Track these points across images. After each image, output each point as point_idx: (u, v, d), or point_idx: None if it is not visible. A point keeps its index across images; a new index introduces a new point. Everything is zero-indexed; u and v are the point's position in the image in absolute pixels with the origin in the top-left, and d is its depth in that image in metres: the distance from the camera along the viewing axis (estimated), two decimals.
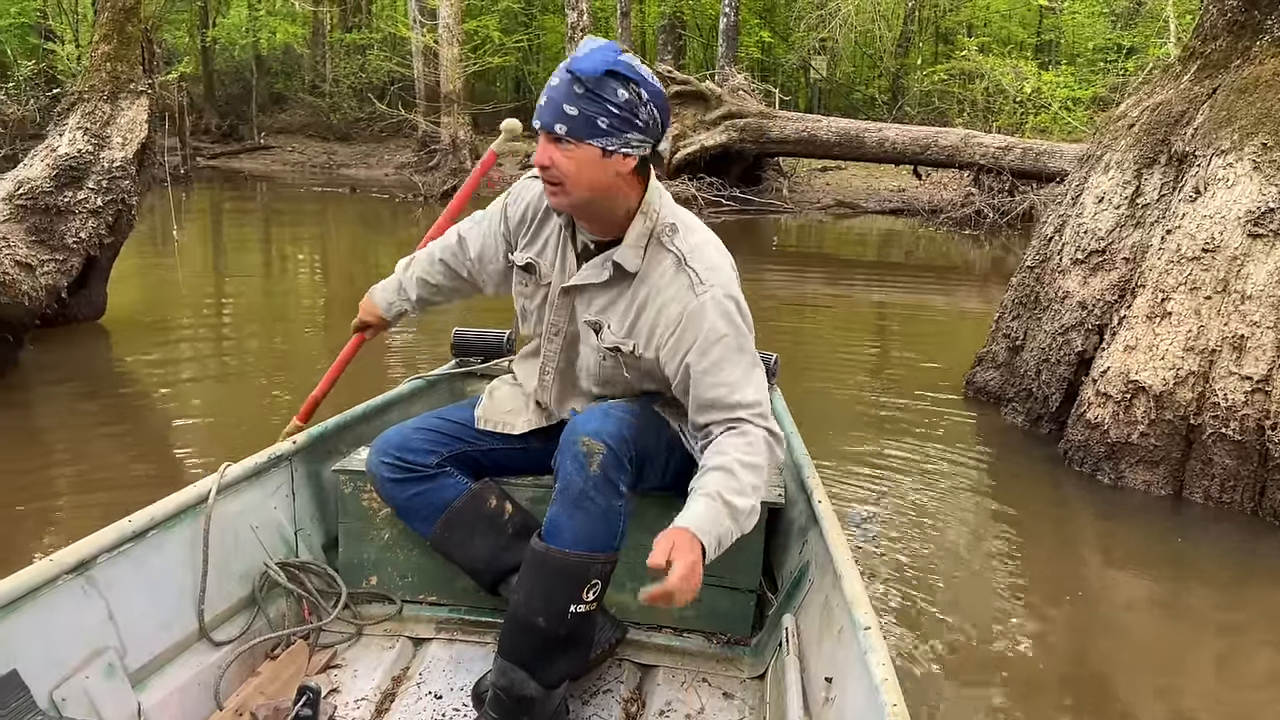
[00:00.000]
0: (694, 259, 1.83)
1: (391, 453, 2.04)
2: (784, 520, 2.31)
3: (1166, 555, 3.40)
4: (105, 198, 5.32)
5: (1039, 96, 17.14)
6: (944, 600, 2.96)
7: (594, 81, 1.67)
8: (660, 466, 1.96)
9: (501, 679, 1.81)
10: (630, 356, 1.90)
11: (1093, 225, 4.42)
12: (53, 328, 5.50)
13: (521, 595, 1.83)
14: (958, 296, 8.82)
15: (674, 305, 1.81)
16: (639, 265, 1.85)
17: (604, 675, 2.08)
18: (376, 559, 2.24)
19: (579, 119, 1.68)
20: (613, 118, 1.69)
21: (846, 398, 5.17)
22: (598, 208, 1.81)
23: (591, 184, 1.74)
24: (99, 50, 5.45)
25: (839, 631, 1.71)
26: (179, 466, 3.83)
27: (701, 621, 2.18)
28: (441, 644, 2.16)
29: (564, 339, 2.01)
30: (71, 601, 1.66)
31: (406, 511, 2.08)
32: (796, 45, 24.54)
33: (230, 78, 26.70)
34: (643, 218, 1.84)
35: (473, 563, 2.07)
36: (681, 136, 15.25)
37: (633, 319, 1.87)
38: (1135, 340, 3.86)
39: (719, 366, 1.78)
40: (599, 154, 1.71)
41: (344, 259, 10.60)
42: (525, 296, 2.07)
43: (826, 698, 1.66)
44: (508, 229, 2.09)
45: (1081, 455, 3.95)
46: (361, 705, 1.94)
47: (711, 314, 1.78)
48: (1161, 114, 4.37)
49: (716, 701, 2.01)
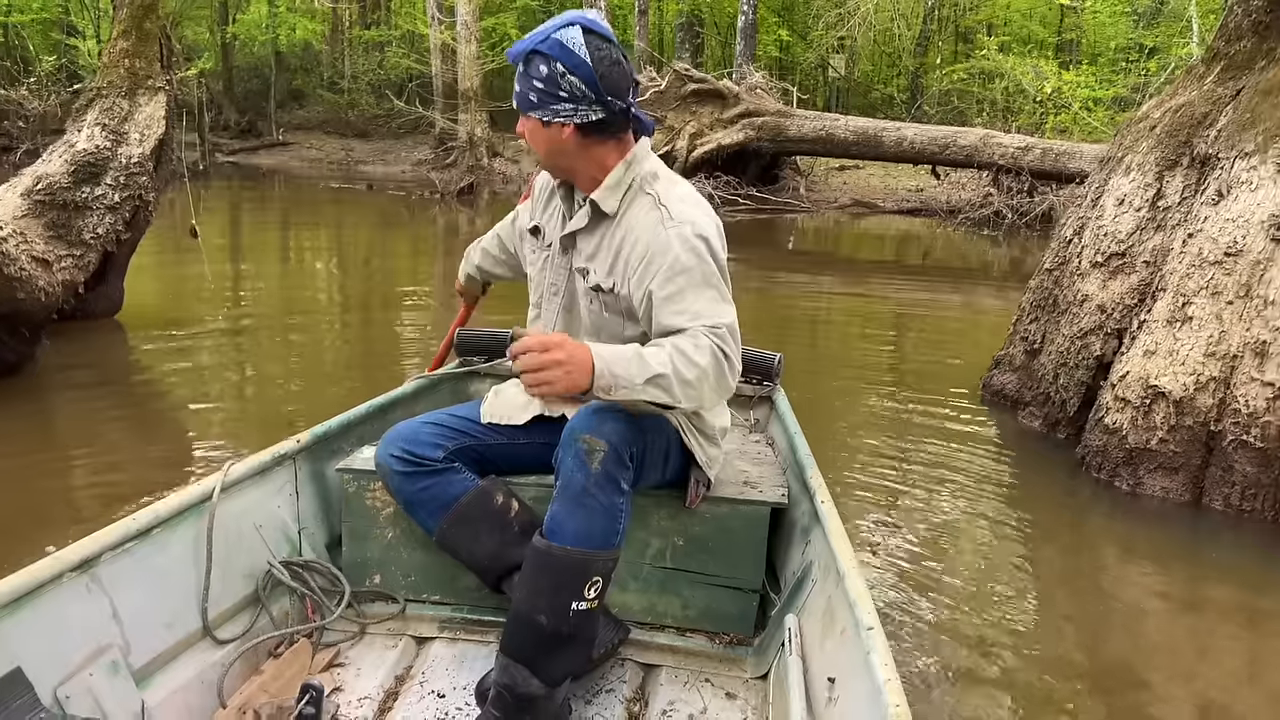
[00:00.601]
0: (667, 199, 1.93)
1: (401, 445, 2.07)
2: (787, 520, 2.30)
3: (1185, 563, 3.36)
4: (123, 194, 5.34)
5: (1059, 96, 17.00)
6: (956, 606, 2.93)
7: (523, 62, 1.88)
8: (660, 463, 1.99)
9: (504, 676, 1.81)
10: (610, 295, 1.98)
11: (1113, 228, 4.37)
12: (70, 323, 5.53)
13: (524, 592, 1.84)
14: (975, 298, 8.76)
15: (644, 238, 1.91)
16: (615, 208, 1.96)
17: (606, 675, 2.08)
18: (380, 558, 2.24)
19: (519, 95, 1.91)
20: (539, 93, 1.87)
21: (861, 399, 5.14)
22: (566, 168, 1.99)
23: (546, 149, 1.95)
24: (117, 46, 5.47)
25: (842, 632, 1.71)
26: (191, 462, 3.83)
27: (704, 621, 2.18)
28: (444, 643, 2.17)
29: (563, 299, 2.10)
30: (75, 599, 1.66)
31: (414, 505, 2.10)
32: (815, 44, 24.45)
33: (250, 74, 26.85)
34: (624, 166, 1.97)
35: (478, 559, 2.08)
36: (698, 135, 15.24)
37: (612, 259, 1.97)
38: (1155, 345, 3.81)
39: (681, 295, 1.83)
40: (539, 124, 1.91)
41: (361, 255, 10.62)
42: (533, 263, 2.21)
43: (829, 698, 1.66)
44: (532, 201, 2.28)
45: (1099, 461, 3.91)
46: (364, 704, 1.94)
47: (676, 246, 1.85)
48: (1184, 115, 4.31)
49: (719, 701, 2.00)
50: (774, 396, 2.98)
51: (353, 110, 24.79)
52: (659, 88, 15.58)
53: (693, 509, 2.12)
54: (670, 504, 2.14)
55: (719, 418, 2.14)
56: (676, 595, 2.18)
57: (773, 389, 3.02)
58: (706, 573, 2.16)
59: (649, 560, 2.16)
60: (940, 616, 2.85)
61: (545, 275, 2.15)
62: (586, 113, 1.87)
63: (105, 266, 5.59)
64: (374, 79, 24.67)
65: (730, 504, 2.15)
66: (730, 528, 2.15)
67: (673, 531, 2.16)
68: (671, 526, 2.15)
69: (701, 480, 2.11)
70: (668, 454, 2.01)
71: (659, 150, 14.99)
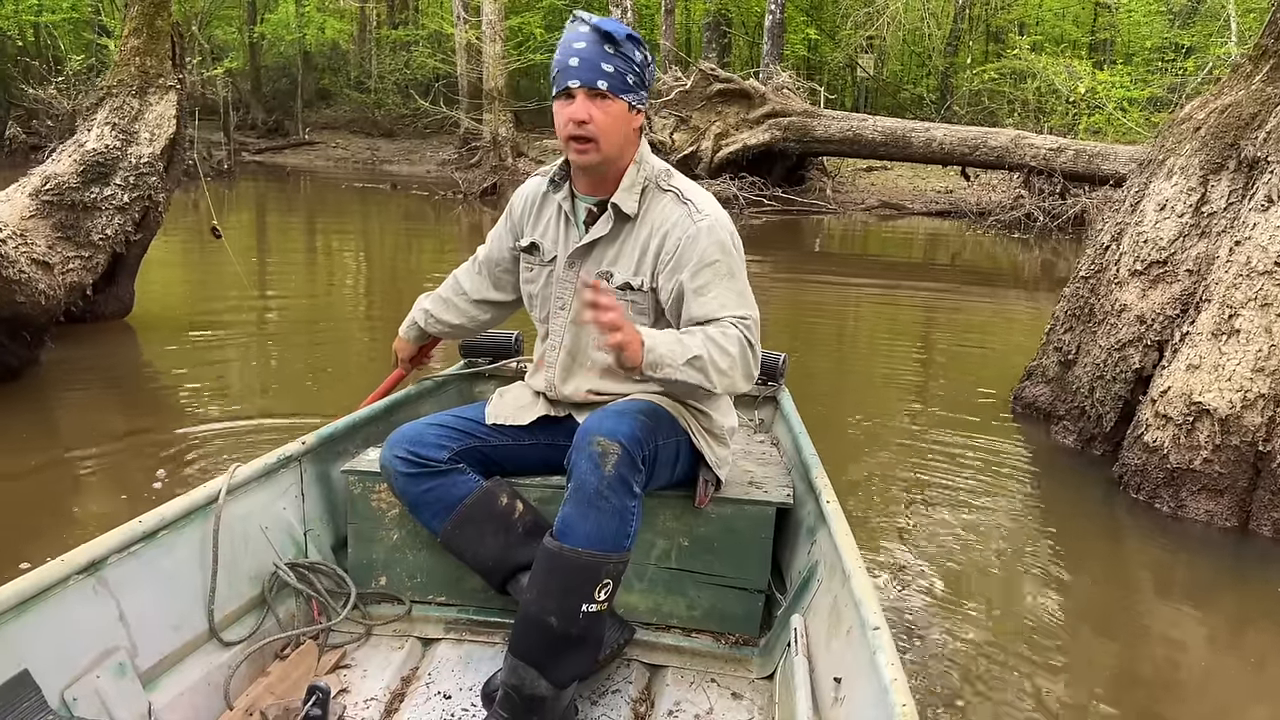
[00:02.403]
0: (690, 194, 2.00)
1: (405, 447, 2.07)
2: (793, 520, 2.29)
3: (1230, 593, 3.15)
4: (132, 194, 5.26)
5: (1093, 96, 16.65)
6: (981, 630, 2.74)
7: (621, 41, 1.87)
8: (670, 464, 2.01)
9: (512, 677, 1.81)
10: (639, 293, 2.00)
11: (1154, 234, 4.15)
12: (79, 325, 5.46)
13: (534, 594, 1.83)
14: (1006, 303, 8.52)
15: (675, 232, 1.95)
16: (635, 208, 1.99)
17: (613, 675, 2.08)
18: (385, 559, 2.24)
19: (614, 75, 1.87)
20: (636, 76, 1.90)
21: (887, 408, 4.95)
22: (615, 163, 1.97)
23: (619, 137, 1.92)
24: (128, 45, 5.38)
25: (848, 631, 1.71)
26: (195, 466, 3.72)
27: (710, 622, 2.18)
28: (450, 644, 2.17)
29: (570, 312, 2.10)
30: (82, 602, 1.67)
31: (419, 506, 2.09)
32: (843, 43, 24.20)
33: (278, 73, 26.95)
34: (636, 167, 2.00)
35: (482, 561, 2.08)
36: (724, 135, 15.06)
37: (639, 256, 2.00)
38: (1199, 359, 3.60)
39: (709, 287, 1.91)
40: (626, 109, 1.91)
41: (382, 257, 10.54)
42: (531, 281, 2.20)
43: (836, 698, 1.64)
44: (513, 223, 2.25)
45: (1138, 481, 3.70)
46: (371, 705, 1.94)
47: (705, 239, 1.92)
48: (1231, 116, 4.09)
49: (725, 702, 2.01)
50: (779, 396, 2.98)
51: (379, 110, 24.83)
52: (684, 87, 15.42)
53: (698, 509, 2.12)
54: (676, 505, 2.14)
55: (726, 418, 2.15)
56: (682, 596, 2.18)
57: (777, 389, 3.02)
58: (712, 573, 2.16)
59: (654, 561, 2.17)
60: (963, 641, 2.67)
61: (550, 290, 2.14)
62: (646, 103, 1.97)
63: (115, 268, 5.52)
64: (400, 78, 24.68)
65: (735, 504, 2.15)
66: (735, 528, 2.15)
67: (678, 532, 2.16)
68: (677, 527, 2.15)
69: (711, 480, 2.11)
70: (678, 455, 2.02)
71: (684, 151, 14.85)
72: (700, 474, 2.09)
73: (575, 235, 2.08)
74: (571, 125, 1.88)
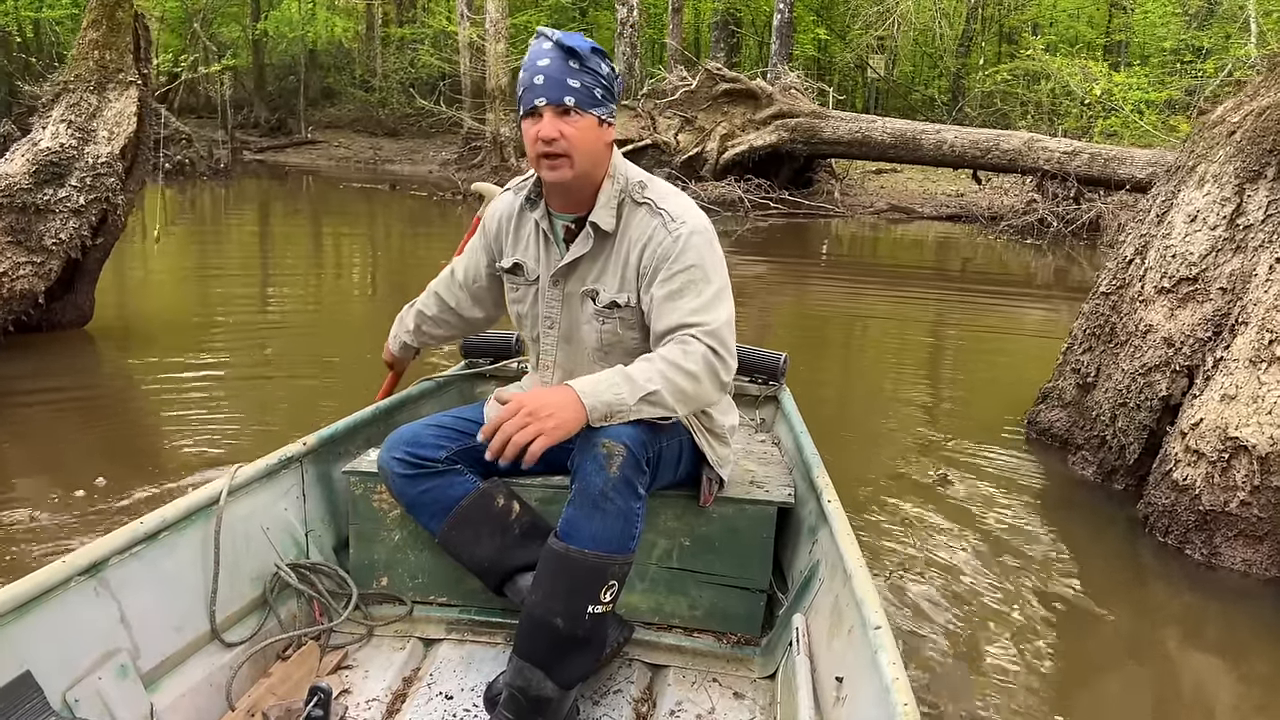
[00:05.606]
0: (664, 203, 1.97)
1: (403, 447, 2.07)
2: (794, 520, 2.29)
3: (1271, 649, 2.80)
4: (89, 196, 4.96)
5: (1109, 99, 16.25)
6: (989, 687, 2.40)
7: (586, 56, 1.85)
8: (674, 464, 2.02)
9: (517, 679, 1.81)
10: (626, 309, 1.99)
11: (1183, 248, 3.79)
12: (34, 334, 5.16)
13: (539, 595, 1.83)
14: (1018, 312, 8.16)
15: (650, 245, 1.94)
16: (613, 224, 1.97)
17: (614, 675, 2.08)
18: (387, 560, 2.25)
19: (581, 91, 1.85)
20: (605, 89, 1.89)
21: (890, 430, 4.59)
22: (589, 178, 1.95)
23: (591, 152, 1.90)
24: (86, 37, 5.07)
25: (849, 631, 1.71)
26: (158, 485, 3.41)
27: (712, 621, 2.18)
28: (452, 644, 2.18)
29: (560, 330, 2.11)
30: (84, 603, 1.67)
31: (416, 507, 2.09)
32: (853, 43, 23.84)
33: (284, 71, 26.75)
34: (610, 181, 1.98)
35: (478, 562, 2.08)
36: (730, 136, 14.73)
37: (621, 272, 1.99)
38: (1235, 388, 3.25)
39: (681, 293, 1.89)
40: (596, 123, 1.89)
41: (380, 259, 10.23)
42: (518, 300, 2.19)
43: (837, 697, 1.64)
44: (488, 241, 2.24)
45: (1166, 523, 3.35)
46: (373, 706, 1.95)
47: (678, 246, 1.91)
48: (1270, 119, 3.72)
49: (727, 701, 2.01)
50: (780, 396, 2.99)
51: (384, 109, 24.61)
52: (690, 87, 15.10)
53: (700, 509, 2.12)
54: (677, 504, 2.14)
55: (727, 416, 2.15)
56: (684, 595, 2.18)
57: (778, 388, 3.02)
58: (713, 573, 2.17)
59: (656, 560, 2.17)
60: (971, 700, 2.33)
61: (538, 310, 2.13)
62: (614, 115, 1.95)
63: (72, 275, 5.22)
64: (405, 77, 24.44)
65: (737, 504, 2.15)
66: (737, 528, 2.15)
67: (679, 532, 2.16)
68: (678, 527, 2.16)
69: (715, 479, 2.12)
70: (680, 455, 2.03)
71: (689, 152, 14.52)
72: (704, 473, 2.10)
73: (556, 254, 2.07)
74: (541, 144, 1.86)
